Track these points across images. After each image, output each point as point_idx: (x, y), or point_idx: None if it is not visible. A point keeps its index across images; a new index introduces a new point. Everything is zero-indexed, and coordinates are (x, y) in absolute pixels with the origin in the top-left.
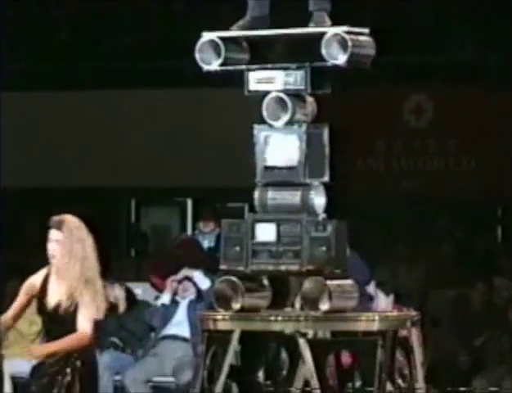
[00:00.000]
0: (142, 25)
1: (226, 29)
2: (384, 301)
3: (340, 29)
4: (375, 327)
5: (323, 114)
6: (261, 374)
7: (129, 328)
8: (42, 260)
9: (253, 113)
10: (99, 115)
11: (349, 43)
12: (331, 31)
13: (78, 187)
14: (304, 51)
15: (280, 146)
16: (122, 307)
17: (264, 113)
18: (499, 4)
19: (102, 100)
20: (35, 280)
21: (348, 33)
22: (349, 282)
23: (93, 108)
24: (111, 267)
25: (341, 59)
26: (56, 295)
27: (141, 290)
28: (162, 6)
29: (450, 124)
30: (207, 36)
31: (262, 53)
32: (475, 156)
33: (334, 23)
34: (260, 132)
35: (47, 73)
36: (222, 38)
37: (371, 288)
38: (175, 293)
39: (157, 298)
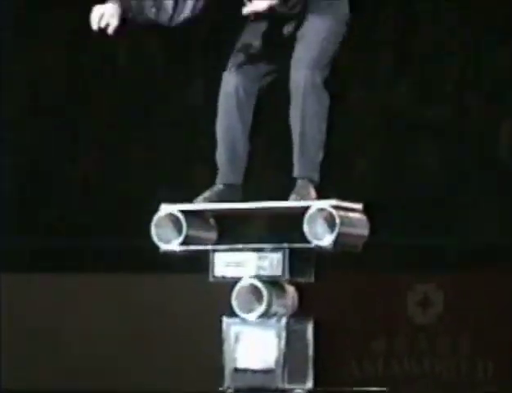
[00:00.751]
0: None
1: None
2: None
3: (327, 203)
4: None
5: (307, 305)
6: None
7: None
8: None
9: (221, 303)
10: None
11: (337, 221)
12: (316, 205)
13: None
14: (282, 229)
15: (253, 345)
16: None
17: (234, 303)
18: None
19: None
20: None
21: (337, 208)
22: None
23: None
24: None
25: (327, 240)
26: None
27: None
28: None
29: (463, 319)
30: (165, 209)
31: (233, 231)
32: (492, 360)
33: (321, 195)
34: (230, 326)
35: None
36: (184, 212)
37: None
38: None
39: None
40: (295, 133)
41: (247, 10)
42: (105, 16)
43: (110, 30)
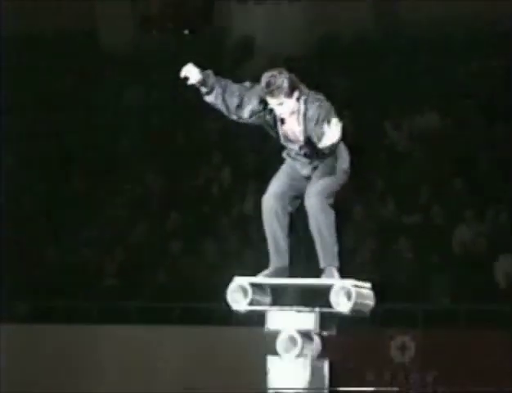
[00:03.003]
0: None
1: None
2: None
3: (348, 283)
4: None
5: (325, 350)
6: None
7: None
8: None
9: (269, 348)
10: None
11: (353, 295)
12: (339, 284)
13: None
14: (316, 298)
15: (287, 374)
16: None
17: (278, 345)
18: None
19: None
20: None
21: (354, 286)
22: None
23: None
24: None
25: (346, 307)
26: None
27: None
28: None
29: (429, 359)
30: (238, 281)
31: (282, 297)
32: (450, 387)
33: (342, 276)
34: (274, 361)
35: None
36: (250, 284)
37: None
38: None
39: None
40: (315, 237)
41: (325, 143)
42: (190, 73)
43: (188, 82)
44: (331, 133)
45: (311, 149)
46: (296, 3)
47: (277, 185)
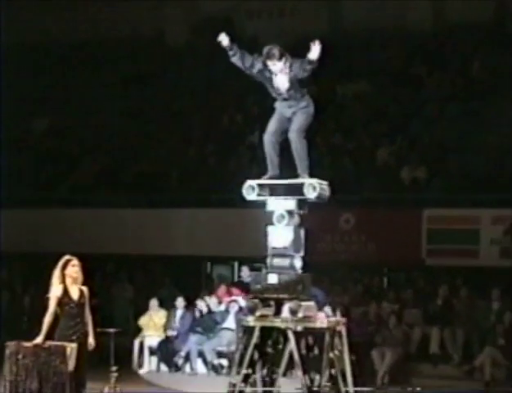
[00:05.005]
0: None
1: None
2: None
3: (314, 181)
4: (324, 325)
5: (302, 222)
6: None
7: (206, 323)
8: None
9: (268, 221)
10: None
11: (317, 188)
12: (309, 182)
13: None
14: (295, 190)
15: (281, 236)
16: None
17: (274, 219)
18: None
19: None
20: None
21: (317, 183)
22: (311, 303)
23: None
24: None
25: (313, 195)
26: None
27: (212, 302)
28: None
29: (363, 228)
30: (249, 182)
31: (276, 191)
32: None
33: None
34: (271, 228)
35: None
36: (257, 184)
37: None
38: (228, 306)
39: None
40: (295, 156)
41: (313, 55)
42: (223, 39)
43: (221, 44)
44: (315, 49)
45: (294, 91)
46: None
47: (272, 125)
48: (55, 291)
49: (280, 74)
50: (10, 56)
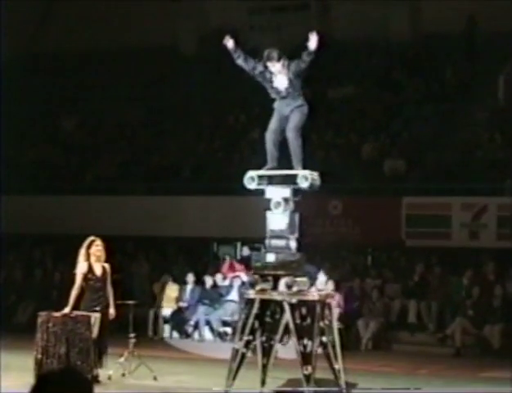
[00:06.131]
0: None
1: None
2: (320, 286)
3: (306, 172)
4: (316, 298)
5: (296, 208)
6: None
7: (213, 296)
8: None
9: (267, 207)
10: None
11: (309, 178)
12: (302, 173)
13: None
14: (289, 180)
15: (278, 220)
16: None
17: (271, 205)
18: None
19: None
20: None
21: (309, 174)
22: (305, 278)
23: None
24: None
25: (305, 185)
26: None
27: (218, 278)
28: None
29: (349, 213)
30: (250, 173)
31: (274, 181)
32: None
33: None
34: (269, 214)
35: None
36: (257, 175)
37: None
38: (231, 281)
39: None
40: (292, 151)
41: (312, 45)
42: (229, 43)
43: (227, 47)
44: (313, 39)
45: (292, 89)
46: None
47: (272, 124)
48: (81, 268)
49: (280, 75)
50: (46, 63)
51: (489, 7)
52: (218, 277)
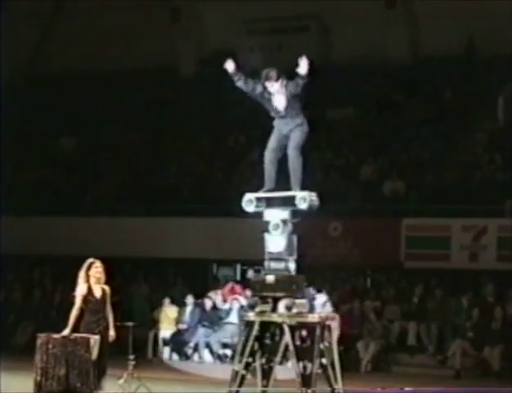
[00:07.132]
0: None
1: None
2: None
3: (305, 193)
4: (316, 320)
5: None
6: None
7: (212, 318)
8: None
9: (265, 229)
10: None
11: (307, 200)
12: (300, 194)
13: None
14: (288, 202)
15: (276, 242)
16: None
17: (270, 227)
18: None
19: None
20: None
21: (308, 195)
22: (304, 300)
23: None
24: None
25: (304, 206)
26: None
27: (218, 300)
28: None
29: (349, 234)
30: (248, 196)
31: (272, 203)
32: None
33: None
34: (267, 236)
35: None
36: (254, 197)
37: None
38: (231, 303)
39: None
40: (291, 171)
41: (303, 69)
42: (229, 66)
43: (228, 71)
44: (303, 64)
45: (290, 109)
46: None
47: (271, 143)
48: (80, 290)
49: (278, 94)
50: (45, 84)
51: (488, 29)
52: (218, 299)
